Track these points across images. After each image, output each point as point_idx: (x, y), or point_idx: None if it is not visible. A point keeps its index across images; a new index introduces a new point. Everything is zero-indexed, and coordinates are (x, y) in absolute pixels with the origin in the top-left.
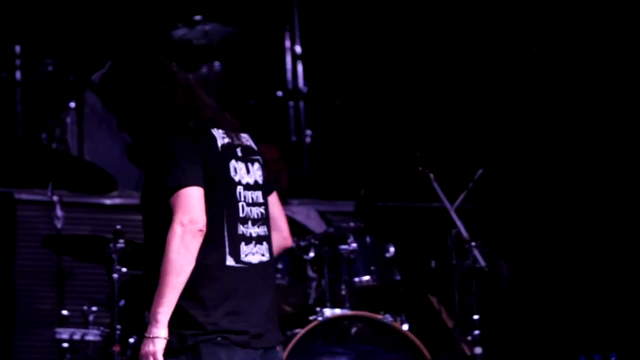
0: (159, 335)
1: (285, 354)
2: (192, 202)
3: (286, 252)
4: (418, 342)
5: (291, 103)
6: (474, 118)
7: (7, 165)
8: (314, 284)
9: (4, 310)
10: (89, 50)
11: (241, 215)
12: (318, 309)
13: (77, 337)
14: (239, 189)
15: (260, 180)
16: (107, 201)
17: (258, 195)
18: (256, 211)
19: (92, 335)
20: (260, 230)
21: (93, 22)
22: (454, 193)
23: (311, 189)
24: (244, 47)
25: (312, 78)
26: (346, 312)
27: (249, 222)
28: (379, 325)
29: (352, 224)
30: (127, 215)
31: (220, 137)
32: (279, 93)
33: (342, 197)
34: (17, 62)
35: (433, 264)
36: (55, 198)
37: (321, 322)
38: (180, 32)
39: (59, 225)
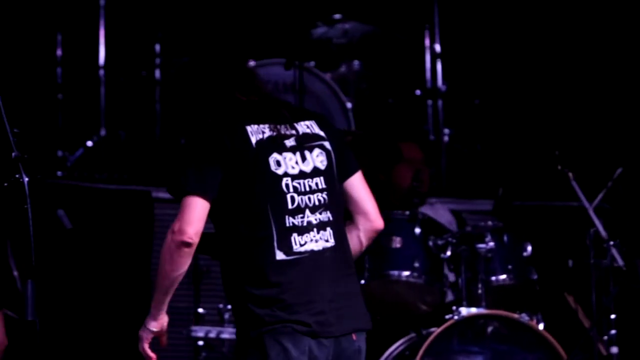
0: (147, 324)
1: (420, 353)
2: (185, 212)
3: (423, 251)
4: (554, 341)
5: (429, 102)
6: (614, 116)
7: (146, 163)
8: (450, 283)
9: (139, 307)
10: (228, 50)
11: (290, 207)
12: (454, 307)
13: (212, 335)
14: (285, 180)
15: (321, 166)
16: None
17: (318, 181)
18: (315, 198)
19: (228, 334)
20: (323, 216)
21: (233, 21)
22: (593, 192)
23: (449, 187)
24: (383, 45)
25: (451, 77)
26: (482, 311)
27: (306, 211)
28: (515, 325)
29: (489, 223)
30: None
31: (258, 133)
32: (418, 92)
33: (480, 196)
34: (157, 60)
35: (570, 263)
36: None
37: (457, 321)
38: (320, 30)
39: None
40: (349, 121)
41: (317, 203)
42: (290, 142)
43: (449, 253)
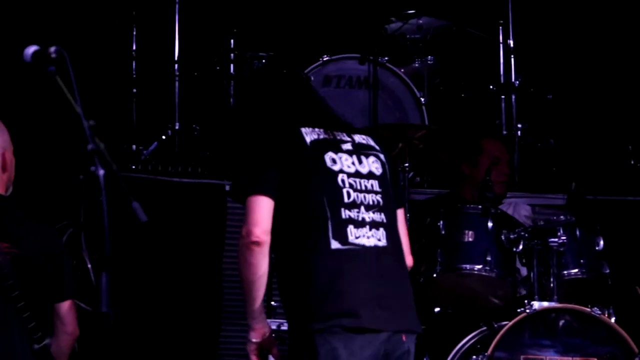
0: (249, 337)
1: (492, 346)
2: (250, 213)
3: (495, 244)
4: (626, 335)
5: (503, 97)
6: None
7: (219, 157)
8: (522, 277)
9: (212, 300)
10: (302, 44)
11: (347, 200)
12: (526, 301)
13: (284, 327)
14: (342, 176)
15: (376, 172)
16: None
17: (373, 183)
18: (370, 198)
19: None
20: (376, 216)
21: (308, 16)
22: None
23: (522, 182)
24: (457, 40)
25: (524, 71)
26: (554, 304)
27: (361, 207)
28: (587, 318)
29: (562, 217)
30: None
31: (313, 134)
32: (491, 87)
33: (553, 191)
34: (232, 55)
35: None
36: None
37: (529, 315)
38: (394, 26)
39: None
40: (423, 115)
41: (371, 203)
42: (346, 146)
43: (521, 247)
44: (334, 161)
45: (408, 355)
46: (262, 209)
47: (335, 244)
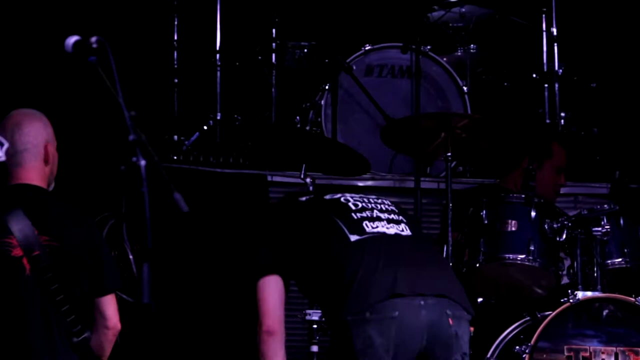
0: None
1: (535, 336)
2: (260, 303)
3: (538, 234)
4: None
5: (546, 85)
6: None
7: (261, 148)
8: (566, 266)
9: (254, 291)
10: (344, 33)
11: (354, 208)
12: (570, 291)
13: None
14: (344, 197)
15: (391, 208)
16: (360, 183)
17: (387, 204)
18: (383, 207)
19: None
20: (393, 216)
21: (349, 5)
22: None
23: (565, 171)
24: (499, 29)
25: (568, 60)
26: (598, 294)
27: (374, 211)
28: (631, 308)
29: (606, 207)
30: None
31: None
32: (534, 75)
33: (596, 180)
34: (273, 45)
35: None
36: (307, 180)
37: (572, 305)
38: (437, 14)
39: None
40: (466, 104)
41: (384, 208)
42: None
43: (564, 236)
44: (333, 195)
45: (456, 339)
46: (273, 294)
47: (354, 237)
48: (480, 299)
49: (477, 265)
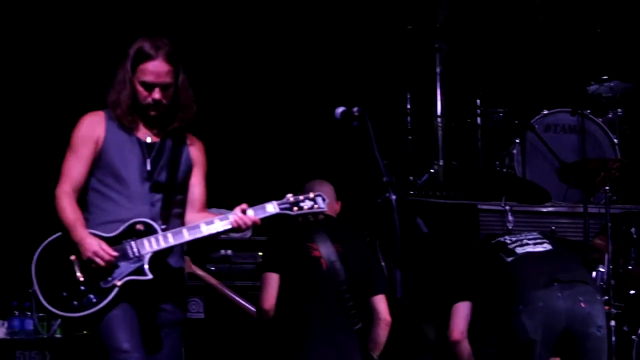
0: None
1: None
2: (453, 317)
3: None
4: None
5: None
6: None
7: (472, 185)
8: None
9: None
10: (529, 102)
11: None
12: None
13: None
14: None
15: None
16: (543, 209)
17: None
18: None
19: None
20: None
21: (532, 80)
22: None
23: None
24: (639, 97)
25: None
26: None
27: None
28: None
29: None
30: (559, 220)
31: None
32: None
33: None
34: (478, 111)
35: None
36: (507, 207)
37: None
38: (593, 87)
39: (509, 226)
40: (616, 152)
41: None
42: None
43: None
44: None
45: (590, 319)
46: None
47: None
48: (632, 291)
49: (629, 267)
